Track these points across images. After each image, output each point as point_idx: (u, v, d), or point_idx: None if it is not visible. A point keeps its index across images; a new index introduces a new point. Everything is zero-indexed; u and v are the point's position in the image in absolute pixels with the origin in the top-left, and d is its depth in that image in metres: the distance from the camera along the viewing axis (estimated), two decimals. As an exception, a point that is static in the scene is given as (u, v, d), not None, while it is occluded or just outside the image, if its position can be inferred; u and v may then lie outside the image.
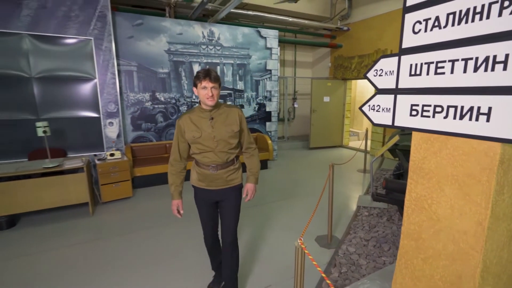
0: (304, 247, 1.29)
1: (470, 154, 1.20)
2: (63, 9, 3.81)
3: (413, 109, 1.40)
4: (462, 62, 1.18)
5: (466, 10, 1.15)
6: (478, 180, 1.18)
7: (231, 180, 1.85)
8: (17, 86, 3.73)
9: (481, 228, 1.18)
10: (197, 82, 1.67)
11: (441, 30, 1.25)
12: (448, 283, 1.32)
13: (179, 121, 1.79)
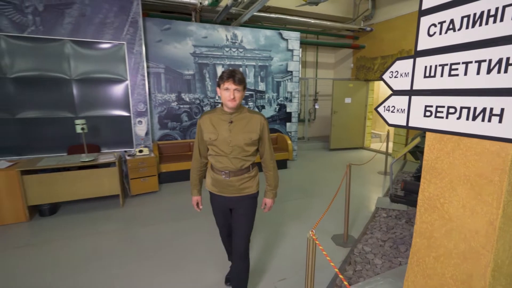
0: (316, 238, 1.37)
1: (482, 154, 1.23)
2: (100, 16, 4.12)
3: (427, 110, 1.43)
4: (475, 64, 1.21)
5: (480, 13, 1.18)
6: (490, 180, 1.20)
7: (245, 189, 1.76)
8: (59, 87, 4.10)
9: (492, 227, 1.20)
10: (221, 83, 1.62)
11: (456, 32, 1.28)
12: (459, 281, 1.34)
13: (200, 120, 1.76)
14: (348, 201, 2.81)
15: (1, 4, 3.62)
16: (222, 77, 1.62)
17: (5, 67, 3.80)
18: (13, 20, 3.72)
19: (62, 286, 2.22)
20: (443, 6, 1.32)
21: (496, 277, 1.24)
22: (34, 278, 2.31)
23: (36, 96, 4.01)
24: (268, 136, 1.80)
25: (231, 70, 1.62)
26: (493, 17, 1.14)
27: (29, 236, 3.02)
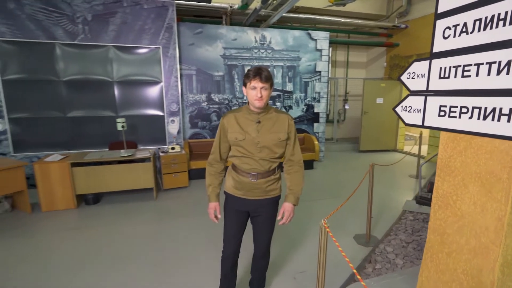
0: (327, 226, 1.47)
1: (493, 153, 1.26)
2: (139, 23, 4.50)
3: (441, 110, 1.47)
4: (486, 66, 1.25)
5: (491, 16, 1.22)
6: (499, 178, 1.23)
7: (270, 191, 1.72)
8: (102, 88, 4.54)
9: (500, 223, 1.23)
10: (247, 81, 1.56)
11: (468, 35, 1.32)
12: (469, 276, 1.38)
13: (224, 119, 1.67)
14: (370, 201, 2.83)
15: (57, 16, 4.12)
16: (248, 75, 1.55)
17: (59, 72, 4.31)
18: (66, 30, 4.21)
19: (102, 265, 2.52)
20: (457, 10, 1.36)
21: (506, 273, 1.26)
22: (78, 256, 2.65)
23: (83, 97, 4.48)
24: (295, 136, 1.73)
25: (258, 68, 1.54)
26: (502, 20, 1.17)
27: (76, 221, 3.43)
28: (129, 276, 2.36)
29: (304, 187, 4.46)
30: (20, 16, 4.00)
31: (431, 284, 1.59)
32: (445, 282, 1.50)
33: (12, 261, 2.57)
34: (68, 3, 4.14)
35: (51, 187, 3.60)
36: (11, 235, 3.04)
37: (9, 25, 3.99)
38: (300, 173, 1.76)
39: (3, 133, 4.24)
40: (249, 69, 1.57)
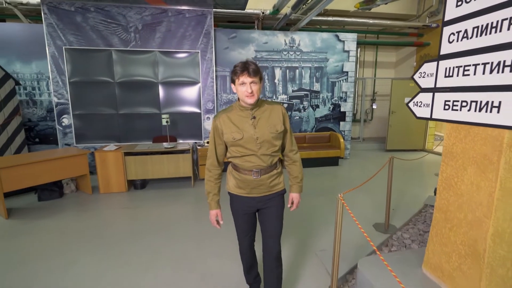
0: (342, 198, 1.78)
1: (486, 139, 1.50)
2: (181, 31, 5.04)
3: (446, 104, 1.72)
4: (482, 66, 1.49)
5: (486, 24, 1.46)
6: (490, 160, 1.47)
7: (275, 186, 1.69)
8: (148, 88, 5.14)
9: (491, 199, 1.46)
10: (235, 78, 1.50)
11: (468, 40, 1.57)
12: (466, 246, 1.61)
13: (216, 120, 1.61)
14: (389, 191, 3.05)
15: (114, 26, 4.77)
16: (235, 71, 1.49)
17: (114, 74, 4.96)
18: (121, 38, 4.84)
19: (148, 235, 3.00)
20: (460, 18, 1.61)
21: (497, 242, 1.49)
22: (128, 228, 3.16)
23: (132, 96, 5.11)
24: (290, 126, 1.71)
25: (244, 62, 1.49)
26: (494, 28, 1.41)
27: (127, 202, 3.99)
28: (171, 243, 2.81)
29: (329, 181, 4.72)
30: (85, 27, 4.70)
31: (435, 256, 1.83)
32: (447, 253, 1.74)
33: (78, 230, 3.14)
34: (123, 15, 4.78)
35: (108, 172, 4.21)
36: (77, 210, 3.66)
37: (76, 35, 4.70)
38: (299, 162, 1.78)
39: (68, 127, 4.97)
40: (235, 65, 1.51)
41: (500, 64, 1.39)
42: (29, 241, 2.87)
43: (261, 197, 1.68)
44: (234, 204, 1.75)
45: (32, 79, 5.15)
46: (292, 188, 1.81)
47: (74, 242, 2.85)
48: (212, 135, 1.64)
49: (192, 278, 2.30)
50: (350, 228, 2.91)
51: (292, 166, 1.78)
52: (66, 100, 4.89)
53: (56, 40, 4.68)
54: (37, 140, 5.36)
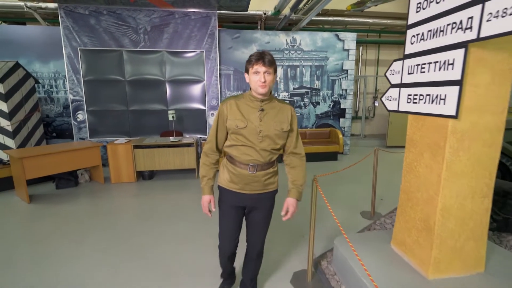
0: (317, 182, 2.04)
1: (436, 127, 1.73)
2: (187, 32, 5.35)
3: (408, 97, 1.96)
4: (433, 64, 1.73)
5: (436, 28, 1.70)
6: (439, 145, 1.70)
7: (269, 185, 1.65)
8: (156, 86, 5.48)
9: (439, 179, 1.70)
10: (249, 67, 1.49)
11: (424, 42, 1.80)
12: (422, 221, 1.85)
13: (223, 105, 1.58)
14: (375, 180, 3.28)
15: (125, 28, 5.13)
16: (250, 60, 1.49)
17: (125, 73, 5.33)
18: (131, 39, 5.20)
19: (155, 221, 3.33)
20: (419, 22, 1.85)
21: (446, 217, 1.72)
22: (137, 214, 3.50)
23: (141, 93, 5.46)
24: (297, 128, 1.69)
25: (260, 52, 1.49)
26: (442, 32, 1.65)
27: (136, 191, 4.33)
28: (175, 225, 3.13)
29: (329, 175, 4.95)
30: (98, 29, 5.07)
31: (400, 232, 2.07)
32: (408, 228, 1.98)
33: (91, 214, 3.50)
34: (133, 17, 5.13)
35: (119, 164, 4.58)
36: (91, 197, 4.03)
37: (90, 37, 5.09)
38: (303, 166, 1.71)
39: (83, 122, 5.38)
40: (251, 54, 1.50)
41: (446, 62, 1.63)
42: (48, 222, 3.24)
43: (254, 194, 1.63)
44: (224, 198, 1.69)
45: (50, 78, 5.58)
46: (290, 192, 1.70)
47: (88, 223, 3.20)
48: (216, 119, 1.59)
49: (194, 249, 2.60)
50: (337, 213, 3.15)
51: (293, 170, 1.71)
52: (80, 97, 5.28)
53: (71, 41, 5.08)
54: (54, 135, 5.80)
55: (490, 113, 1.65)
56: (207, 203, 1.67)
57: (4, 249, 2.64)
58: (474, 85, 1.59)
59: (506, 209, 2.71)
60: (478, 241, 1.81)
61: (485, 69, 1.58)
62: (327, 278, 2.17)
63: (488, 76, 1.60)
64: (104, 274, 2.29)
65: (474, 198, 1.74)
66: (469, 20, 1.45)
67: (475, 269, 1.84)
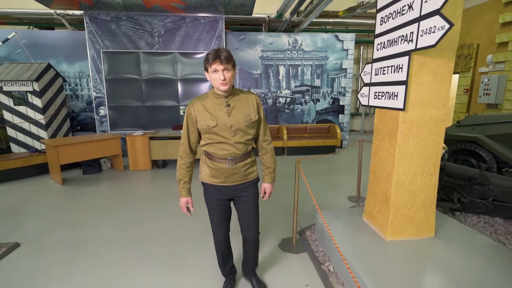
0: (300, 166, 2.50)
1: (392, 118, 2.16)
2: (197, 34, 5.86)
3: (375, 94, 2.39)
4: (390, 68, 2.16)
5: (392, 39, 2.13)
6: (394, 132, 2.14)
7: (249, 174, 1.73)
8: (169, 84, 6.03)
9: (394, 159, 2.13)
10: (207, 66, 1.49)
11: (385, 49, 2.23)
12: (383, 194, 2.29)
13: (190, 108, 1.61)
14: (360, 168, 3.70)
15: (141, 32, 5.68)
16: (207, 59, 1.49)
17: (141, 72, 5.89)
18: (147, 42, 5.75)
19: (169, 201, 3.86)
20: (381, 33, 2.28)
21: (399, 189, 2.16)
22: (152, 195, 4.04)
23: (155, 90, 6.02)
24: (264, 116, 1.74)
25: (216, 50, 1.48)
26: (395, 42, 2.08)
27: (151, 177, 4.89)
28: (187, 205, 3.66)
29: (326, 166, 5.38)
30: (118, 33, 5.65)
31: (369, 206, 2.51)
32: (374, 202, 2.42)
33: (112, 194, 4.07)
34: (149, 22, 5.67)
35: (136, 153, 5.15)
36: (112, 181, 4.61)
37: (111, 40, 5.67)
38: (272, 151, 1.82)
39: (104, 117, 5.98)
40: (208, 53, 1.51)
41: (397, 66, 2.06)
42: (79, 199, 3.82)
43: (236, 185, 1.71)
44: (208, 193, 1.76)
45: (75, 77, 6.21)
46: (265, 178, 1.85)
47: (110, 202, 3.76)
48: (186, 122, 1.64)
49: (197, 224, 3.11)
50: (328, 197, 3.61)
51: (265, 156, 1.82)
52: (102, 95, 5.88)
53: (95, 44, 5.67)
54: (78, 128, 6.44)
55: (434, 107, 2.07)
56: (185, 204, 1.77)
57: (47, 218, 3.23)
58: (419, 84, 2.02)
59: (472, 193, 3.10)
60: (428, 210, 2.23)
61: (428, 72, 2.01)
62: (309, 243, 2.64)
63: (430, 77, 2.02)
64: (128, 234, 2.87)
65: (423, 175, 2.17)
66: (411, 34, 1.89)
67: (426, 234, 2.27)
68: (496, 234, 2.76)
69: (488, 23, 5.39)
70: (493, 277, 1.80)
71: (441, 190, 3.24)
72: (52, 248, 2.63)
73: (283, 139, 6.16)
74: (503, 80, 4.93)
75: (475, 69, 5.73)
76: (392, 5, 2.12)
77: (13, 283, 2.15)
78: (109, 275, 2.25)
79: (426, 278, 1.81)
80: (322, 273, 2.22)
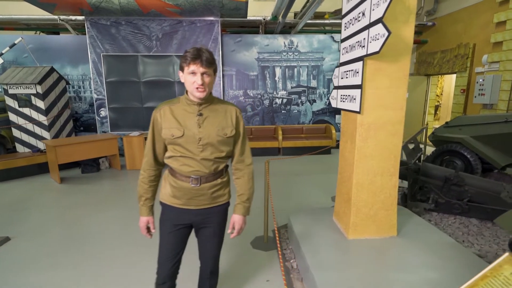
0: (268, 166, 2.60)
1: (352, 121, 2.24)
2: (194, 37, 6.03)
3: (341, 97, 2.46)
4: (350, 72, 2.24)
5: (351, 44, 2.20)
6: (353, 134, 2.22)
7: (218, 198, 1.47)
8: (166, 86, 6.23)
9: (353, 160, 2.21)
10: (184, 65, 1.30)
11: (348, 54, 2.31)
12: (345, 193, 2.36)
13: (156, 112, 1.41)
14: (342, 169, 3.76)
15: (140, 36, 5.90)
16: (185, 58, 1.28)
17: (140, 75, 6.12)
18: (145, 45, 5.97)
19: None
20: (345, 39, 2.35)
21: (360, 190, 2.23)
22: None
23: (153, 92, 6.23)
24: (244, 132, 1.50)
25: (197, 49, 1.29)
26: (354, 47, 2.15)
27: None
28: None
29: (318, 166, 5.44)
30: (118, 37, 5.89)
31: (337, 205, 2.58)
32: (340, 201, 2.49)
33: (110, 192, 4.28)
34: (147, 26, 5.89)
35: (133, 153, 5.36)
36: (110, 180, 4.84)
37: (111, 44, 5.92)
38: (250, 176, 1.53)
39: (105, 118, 6.25)
40: (186, 50, 1.31)
41: (355, 71, 2.13)
42: (76, 197, 4.05)
43: (200, 210, 1.45)
44: (166, 216, 1.48)
45: (79, 79, 6.50)
46: (236, 208, 1.53)
47: (107, 199, 3.97)
48: (151, 129, 1.42)
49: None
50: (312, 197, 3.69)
51: (239, 181, 1.53)
52: (103, 96, 6.15)
53: (96, 48, 5.93)
54: (81, 129, 6.74)
55: (391, 109, 2.14)
56: (145, 224, 1.49)
57: (45, 214, 3.46)
58: (375, 88, 2.08)
59: (449, 193, 3.12)
60: (389, 210, 2.29)
61: (384, 76, 2.07)
62: (280, 241, 2.74)
63: (387, 81, 2.09)
64: (119, 228, 3.09)
65: (383, 176, 2.23)
66: (364, 40, 1.96)
67: (388, 233, 2.33)
68: (468, 235, 2.78)
69: (484, 22, 5.30)
70: (444, 276, 1.85)
71: (419, 191, 3.27)
72: (41, 243, 2.82)
73: (278, 140, 6.25)
74: (498, 80, 4.84)
75: (471, 69, 5.63)
76: (351, 11, 2.20)
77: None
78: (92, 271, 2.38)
79: (375, 274, 1.88)
80: (285, 269, 2.32)
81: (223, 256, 2.53)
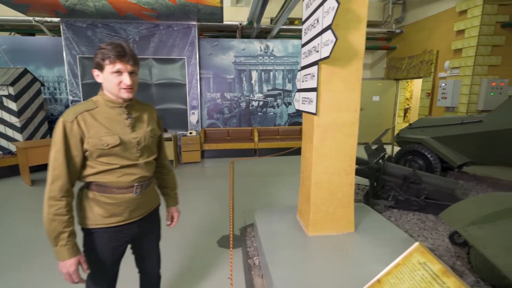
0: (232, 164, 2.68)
1: (310, 122, 2.36)
2: (171, 41, 6.06)
3: (302, 99, 2.59)
4: (308, 76, 2.36)
5: (308, 50, 2.33)
6: (310, 134, 2.34)
7: (154, 199, 1.44)
8: (144, 88, 6.20)
9: (312, 160, 2.33)
10: (104, 63, 1.14)
11: (307, 58, 2.43)
12: (305, 193, 2.48)
13: (70, 121, 1.13)
14: (312, 169, 3.90)
15: (117, 38, 5.87)
16: (107, 55, 1.13)
17: (116, 77, 6.07)
18: (121, 48, 5.94)
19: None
20: (305, 43, 2.48)
21: (318, 188, 2.35)
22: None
23: (131, 95, 6.19)
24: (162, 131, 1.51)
25: (120, 45, 1.16)
26: (311, 52, 2.29)
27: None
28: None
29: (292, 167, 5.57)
30: (94, 40, 5.84)
31: (300, 204, 2.69)
32: (302, 200, 2.61)
33: (83, 193, 4.23)
34: (124, 29, 5.88)
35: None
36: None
37: (87, 46, 5.85)
38: (173, 172, 1.61)
39: (80, 120, 6.15)
40: (103, 46, 1.15)
41: (311, 75, 2.26)
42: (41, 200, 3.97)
43: (141, 219, 1.35)
44: (99, 243, 1.26)
45: (54, 81, 6.38)
46: (171, 201, 1.58)
47: (76, 201, 3.93)
48: (62, 144, 1.13)
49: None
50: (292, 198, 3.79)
51: (167, 177, 1.56)
52: (79, 98, 6.06)
53: (71, 50, 5.85)
54: (56, 131, 6.59)
55: (346, 111, 2.28)
56: (76, 268, 1.18)
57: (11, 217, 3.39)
58: (331, 91, 2.22)
59: (408, 191, 3.31)
60: (346, 207, 2.42)
61: (339, 80, 2.21)
62: (245, 239, 2.83)
63: (341, 84, 2.22)
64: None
65: (340, 175, 2.36)
66: (318, 45, 2.10)
67: (346, 229, 2.46)
68: (424, 230, 2.97)
69: (445, 30, 5.65)
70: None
71: (381, 189, 3.45)
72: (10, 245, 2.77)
73: (254, 141, 6.35)
74: (458, 85, 5.17)
75: (435, 74, 5.97)
76: (309, 18, 2.33)
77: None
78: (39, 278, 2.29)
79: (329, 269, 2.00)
80: (247, 266, 2.41)
81: (187, 254, 2.63)
